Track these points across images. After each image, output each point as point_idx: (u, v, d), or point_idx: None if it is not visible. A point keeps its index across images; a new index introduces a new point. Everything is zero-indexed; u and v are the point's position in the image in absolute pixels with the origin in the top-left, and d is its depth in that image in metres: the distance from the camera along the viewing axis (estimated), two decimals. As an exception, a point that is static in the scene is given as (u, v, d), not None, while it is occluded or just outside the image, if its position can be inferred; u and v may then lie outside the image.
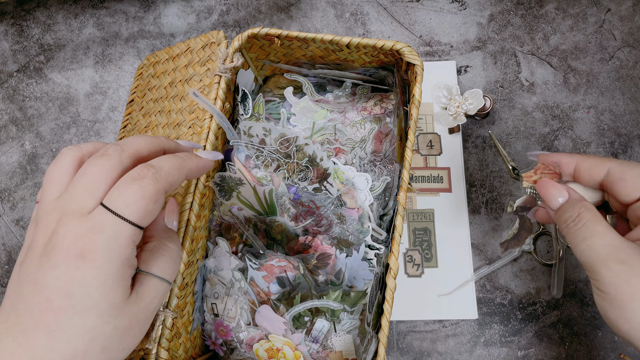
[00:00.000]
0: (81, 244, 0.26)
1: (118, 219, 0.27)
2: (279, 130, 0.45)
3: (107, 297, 0.26)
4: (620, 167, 0.31)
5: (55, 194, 0.28)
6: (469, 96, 0.56)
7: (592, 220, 0.31)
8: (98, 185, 0.27)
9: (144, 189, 0.28)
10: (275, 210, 0.45)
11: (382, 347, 0.36)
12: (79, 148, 0.30)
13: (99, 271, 0.26)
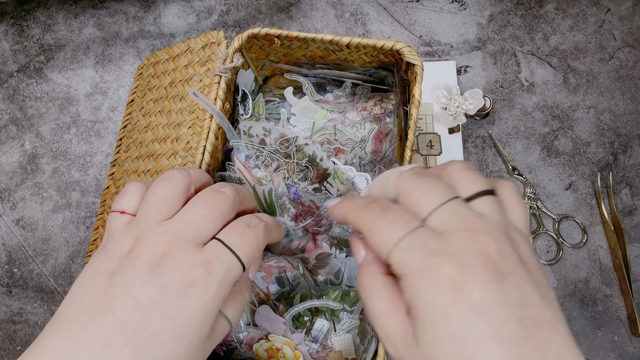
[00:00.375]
0: (196, 273, 0.26)
1: (233, 256, 0.27)
2: (279, 130, 0.45)
3: (202, 330, 0.26)
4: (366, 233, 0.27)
5: (164, 215, 0.28)
6: (469, 96, 0.57)
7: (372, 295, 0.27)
8: (216, 220, 0.28)
9: (257, 237, 0.29)
10: (275, 210, 0.45)
11: (382, 347, 0.36)
12: (188, 174, 0.30)
13: (206, 303, 0.26)
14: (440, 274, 0.22)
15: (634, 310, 0.51)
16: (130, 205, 0.29)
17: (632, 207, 0.56)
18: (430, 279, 0.22)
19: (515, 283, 0.22)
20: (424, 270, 0.22)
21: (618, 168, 0.57)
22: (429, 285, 0.22)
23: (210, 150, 0.42)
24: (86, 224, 0.58)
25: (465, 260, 0.22)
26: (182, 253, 0.26)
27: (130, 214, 0.29)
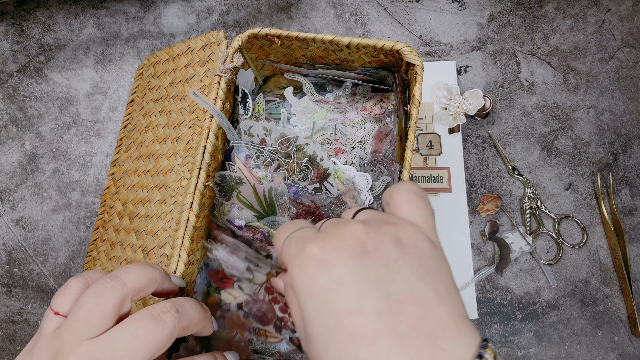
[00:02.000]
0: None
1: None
2: (279, 130, 0.45)
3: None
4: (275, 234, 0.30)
5: (89, 334, 0.27)
6: (469, 96, 0.57)
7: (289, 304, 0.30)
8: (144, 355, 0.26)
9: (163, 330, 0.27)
10: (275, 210, 0.45)
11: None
12: (122, 288, 0.28)
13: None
14: (307, 254, 0.24)
15: (634, 310, 0.51)
16: (65, 307, 0.28)
17: (632, 207, 0.56)
18: (300, 260, 0.24)
19: (379, 259, 0.23)
20: (295, 254, 0.25)
21: (618, 168, 0.57)
22: (298, 265, 0.24)
23: (210, 150, 0.42)
24: (86, 224, 0.58)
25: (330, 241, 0.24)
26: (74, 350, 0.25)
27: (63, 315, 0.28)
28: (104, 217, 0.54)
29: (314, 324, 0.22)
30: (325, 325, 0.22)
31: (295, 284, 0.24)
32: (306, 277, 0.23)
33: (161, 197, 0.46)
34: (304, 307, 0.23)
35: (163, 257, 0.44)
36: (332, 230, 0.25)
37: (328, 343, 0.22)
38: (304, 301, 0.23)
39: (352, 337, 0.21)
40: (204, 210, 0.44)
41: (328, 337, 0.22)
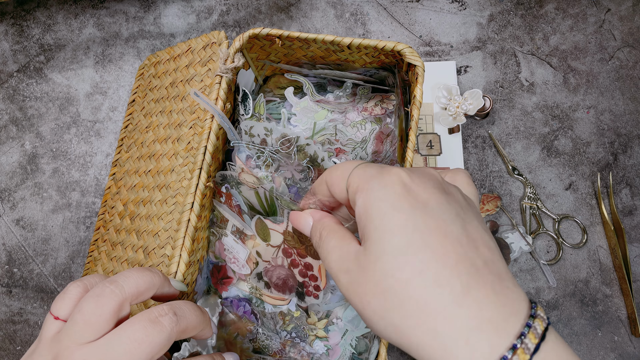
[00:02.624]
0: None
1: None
2: (280, 131, 0.45)
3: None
4: (327, 175, 0.30)
5: (88, 338, 0.27)
6: (469, 96, 0.57)
7: (327, 236, 0.29)
8: (141, 357, 0.27)
9: (161, 334, 0.27)
10: (275, 209, 0.45)
11: (384, 347, 0.36)
12: (120, 292, 0.28)
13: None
14: (394, 174, 0.25)
15: (634, 310, 0.51)
16: (64, 312, 0.28)
17: (632, 207, 0.56)
18: (384, 179, 0.25)
19: (456, 200, 0.25)
20: (378, 174, 0.25)
21: (618, 168, 0.57)
22: (380, 184, 0.24)
23: (211, 151, 0.42)
24: (86, 224, 0.58)
25: (415, 172, 0.25)
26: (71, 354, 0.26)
27: (63, 320, 0.28)
28: (105, 217, 0.54)
29: (391, 241, 0.23)
30: (404, 244, 0.23)
31: (375, 200, 0.24)
32: (394, 194, 0.24)
33: (162, 197, 0.46)
34: (381, 224, 0.23)
35: (164, 258, 0.44)
36: (415, 169, 0.26)
37: (405, 260, 0.22)
38: (385, 216, 0.23)
39: (437, 257, 0.22)
40: (204, 210, 0.44)
41: (407, 253, 0.22)
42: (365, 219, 0.24)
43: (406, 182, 0.24)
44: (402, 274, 0.22)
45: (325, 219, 0.30)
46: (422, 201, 0.23)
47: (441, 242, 0.22)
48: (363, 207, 0.25)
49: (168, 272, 0.39)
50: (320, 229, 0.30)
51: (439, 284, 0.22)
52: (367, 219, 0.24)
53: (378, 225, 0.24)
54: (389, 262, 0.23)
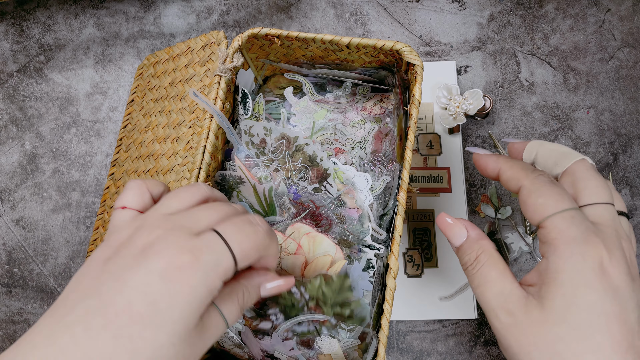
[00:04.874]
0: (183, 258, 0.25)
1: (226, 247, 0.27)
2: (279, 130, 0.45)
3: (186, 318, 0.25)
4: (527, 190, 0.29)
5: (172, 210, 0.28)
6: (469, 96, 0.57)
7: (487, 265, 0.29)
8: (219, 218, 0.28)
9: (257, 235, 0.28)
10: (275, 209, 0.45)
11: (382, 347, 0.36)
12: (212, 191, 0.31)
13: (190, 290, 0.25)
14: (594, 251, 0.25)
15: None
16: (132, 200, 0.29)
17: (632, 207, 0.56)
18: (584, 252, 0.25)
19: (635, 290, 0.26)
20: (581, 242, 0.25)
21: (618, 168, 0.57)
22: (581, 255, 0.25)
23: (210, 150, 0.42)
24: (86, 224, 0.58)
25: (614, 252, 0.25)
26: (175, 238, 0.26)
27: (131, 208, 0.29)
28: (104, 217, 0.54)
29: (578, 315, 0.24)
30: (589, 320, 0.24)
31: (571, 270, 0.25)
32: (591, 272, 0.25)
33: (161, 197, 0.46)
34: (570, 294, 0.25)
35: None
36: (612, 239, 0.26)
37: (584, 336, 0.24)
38: (576, 290, 0.25)
39: (612, 343, 0.24)
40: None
41: (588, 331, 0.24)
42: (554, 280, 0.25)
43: (605, 263, 0.25)
44: (577, 347, 0.24)
45: (485, 241, 0.30)
46: (614, 287, 0.25)
47: (619, 330, 0.24)
48: (554, 268, 0.26)
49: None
50: (479, 251, 0.30)
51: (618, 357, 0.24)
52: (556, 282, 0.25)
53: (566, 295, 0.25)
54: (568, 332, 0.24)
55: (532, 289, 0.27)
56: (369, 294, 0.44)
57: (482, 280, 0.28)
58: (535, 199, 0.27)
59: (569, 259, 0.25)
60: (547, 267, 0.26)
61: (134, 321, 0.24)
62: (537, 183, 0.28)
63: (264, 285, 0.31)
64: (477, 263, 0.29)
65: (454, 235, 0.32)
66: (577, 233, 0.26)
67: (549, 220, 0.27)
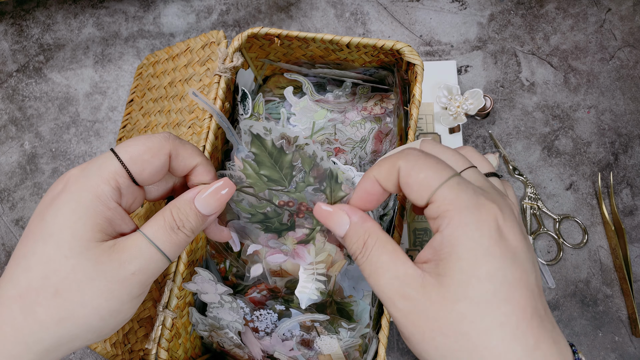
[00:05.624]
0: (71, 172, 0.27)
1: (111, 153, 0.27)
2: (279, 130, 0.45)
3: (72, 227, 0.25)
4: (405, 170, 0.25)
5: None
6: (469, 96, 0.56)
7: (376, 249, 0.25)
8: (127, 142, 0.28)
9: (149, 138, 0.28)
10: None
11: (382, 347, 0.36)
12: None
13: (71, 196, 0.26)
14: (487, 215, 0.23)
15: (635, 311, 0.51)
16: None
17: (633, 207, 0.55)
18: (478, 218, 0.23)
19: (531, 244, 0.24)
20: (474, 208, 0.23)
21: (619, 168, 0.57)
22: (476, 223, 0.23)
23: (209, 150, 0.42)
24: (86, 224, 0.58)
25: (505, 212, 0.23)
26: (77, 167, 0.28)
27: None
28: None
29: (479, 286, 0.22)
30: (492, 291, 0.22)
31: (467, 240, 0.23)
32: (488, 238, 0.22)
33: (161, 197, 0.46)
34: (469, 267, 0.22)
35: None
36: (498, 199, 0.24)
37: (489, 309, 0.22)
38: (476, 260, 0.22)
39: (518, 310, 0.22)
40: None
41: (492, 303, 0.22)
42: (450, 254, 0.23)
43: (500, 224, 0.23)
44: (482, 323, 0.22)
45: (369, 223, 0.27)
46: (512, 250, 0.23)
47: (522, 295, 0.22)
48: (450, 241, 0.23)
49: (166, 273, 0.39)
50: (365, 236, 0.26)
51: (516, 337, 0.22)
52: (453, 255, 0.23)
53: (465, 268, 0.22)
54: (471, 308, 0.22)
55: (428, 267, 0.24)
56: (369, 294, 0.44)
57: (373, 268, 0.25)
58: (415, 176, 0.24)
59: (464, 229, 0.23)
60: (441, 242, 0.23)
61: (28, 239, 0.25)
62: (411, 159, 0.25)
63: (197, 198, 0.29)
64: (365, 249, 0.26)
65: (336, 223, 0.28)
66: (467, 199, 0.23)
67: (436, 194, 0.24)
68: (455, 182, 0.24)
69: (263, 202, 0.31)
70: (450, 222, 0.23)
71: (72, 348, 0.26)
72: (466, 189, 0.24)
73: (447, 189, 0.23)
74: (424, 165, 0.25)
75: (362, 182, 0.28)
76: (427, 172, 0.24)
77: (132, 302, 0.27)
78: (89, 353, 0.54)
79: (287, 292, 0.45)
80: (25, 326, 0.24)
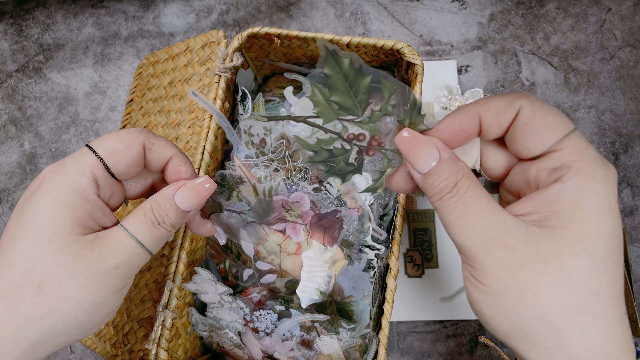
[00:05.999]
0: (48, 169, 0.27)
1: (86, 148, 0.27)
2: (279, 130, 0.44)
3: (51, 221, 0.25)
4: (531, 110, 0.23)
5: None
6: (470, 96, 0.56)
7: (472, 191, 0.23)
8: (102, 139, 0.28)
9: (124, 132, 0.28)
10: (273, 209, 0.44)
11: (383, 347, 0.36)
12: None
13: (48, 191, 0.26)
14: (612, 173, 0.22)
15: (635, 311, 0.51)
16: None
17: (633, 207, 0.55)
18: (606, 174, 0.21)
19: None
20: (602, 162, 0.22)
21: (619, 168, 0.56)
22: (604, 178, 0.21)
23: (209, 150, 0.42)
24: (85, 224, 0.58)
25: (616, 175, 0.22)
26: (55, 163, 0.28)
27: None
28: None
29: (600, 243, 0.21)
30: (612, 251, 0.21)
31: (598, 194, 0.21)
32: (613, 196, 0.21)
33: (160, 197, 0.46)
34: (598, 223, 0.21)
35: (162, 258, 0.44)
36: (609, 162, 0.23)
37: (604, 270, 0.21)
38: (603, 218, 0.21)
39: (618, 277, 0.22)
40: (203, 210, 0.44)
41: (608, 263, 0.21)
42: (573, 206, 0.21)
43: (615, 181, 0.22)
44: (595, 284, 0.21)
45: (462, 163, 0.24)
46: (617, 211, 0.22)
47: (621, 261, 0.22)
48: (574, 192, 0.21)
49: (166, 273, 0.39)
50: (458, 175, 0.23)
51: (618, 302, 0.21)
52: (576, 207, 0.21)
53: (588, 222, 0.21)
54: (587, 266, 0.21)
55: (532, 219, 0.22)
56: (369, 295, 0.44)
57: (466, 210, 0.22)
58: (543, 119, 0.22)
59: (592, 182, 0.21)
60: (562, 192, 0.21)
61: (8, 237, 0.25)
62: (535, 101, 0.23)
63: (178, 194, 0.29)
64: (457, 189, 0.23)
65: (421, 156, 0.24)
66: (594, 153, 0.22)
67: (566, 140, 0.22)
68: (580, 134, 0.22)
69: (330, 136, 0.27)
70: (578, 173, 0.21)
71: (58, 344, 0.26)
72: (590, 144, 0.22)
73: (576, 138, 0.22)
74: (550, 110, 0.23)
75: (457, 116, 0.24)
76: (555, 116, 0.22)
77: (115, 295, 0.27)
78: (88, 353, 0.54)
79: (287, 293, 0.45)
80: (11, 323, 0.24)
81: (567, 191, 0.21)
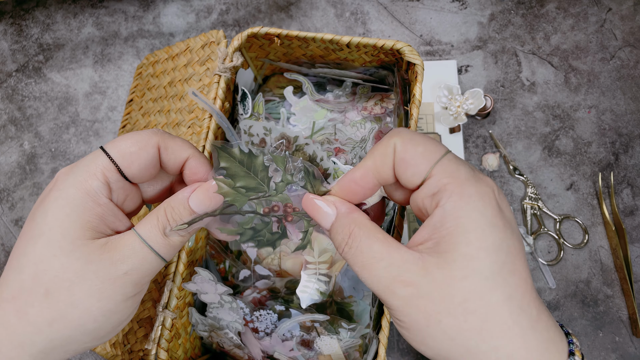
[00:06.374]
0: (61, 171, 0.26)
1: (100, 150, 0.26)
2: (279, 130, 0.44)
3: (61, 224, 0.24)
4: (402, 144, 0.24)
5: None
6: (470, 96, 0.56)
7: (365, 238, 0.24)
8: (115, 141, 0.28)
9: (137, 133, 0.27)
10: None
11: (383, 347, 0.36)
12: None
13: (59, 194, 0.25)
14: (487, 188, 0.22)
15: (635, 311, 0.51)
16: None
17: (634, 207, 0.55)
18: (481, 190, 0.22)
19: None
20: (474, 181, 0.22)
21: (619, 168, 0.56)
22: (479, 195, 0.22)
23: (209, 150, 0.42)
24: (85, 224, 0.58)
25: (496, 185, 0.23)
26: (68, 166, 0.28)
27: None
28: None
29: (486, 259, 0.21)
30: (502, 264, 0.21)
31: (473, 211, 0.22)
32: (491, 209, 0.22)
33: (160, 197, 0.46)
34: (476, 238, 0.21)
35: (162, 258, 0.44)
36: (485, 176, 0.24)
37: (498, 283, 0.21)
38: (483, 231, 0.22)
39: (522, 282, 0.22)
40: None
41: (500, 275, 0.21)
42: (455, 228, 0.22)
43: (497, 196, 0.23)
44: (492, 298, 0.21)
45: (356, 213, 0.26)
46: (509, 221, 0.23)
47: (523, 266, 0.22)
48: (452, 214, 0.22)
49: (166, 273, 0.39)
50: (351, 226, 0.25)
51: (522, 309, 0.21)
52: (457, 228, 0.22)
53: (472, 241, 0.21)
54: (479, 283, 0.21)
55: (425, 247, 0.23)
56: (369, 295, 0.44)
57: (364, 259, 0.24)
58: (414, 150, 0.23)
59: (467, 200, 0.22)
60: (443, 216, 0.22)
61: (21, 241, 0.25)
62: (406, 135, 0.24)
63: (192, 197, 0.28)
64: (352, 239, 0.24)
65: (322, 215, 0.27)
66: (466, 172, 0.23)
67: (438, 165, 0.23)
68: (452, 157, 0.23)
69: (248, 217, 0.30)
70: (452, 195, 0.22)
71: (69, 351, 0.25)
72: (463, 163, 0.23)
73: (447, 162, 0.23)
74: (420, 140, 0.24)
75: (351, 172, 0.27)
76: (425, 145, 0.24)
77: (127, 303, 0.26)
78: (88, 353, 0.54)
79: (287, 293, 0.45)
80: (19, 328, 0.24)
81: (447, 215, 0.22)
